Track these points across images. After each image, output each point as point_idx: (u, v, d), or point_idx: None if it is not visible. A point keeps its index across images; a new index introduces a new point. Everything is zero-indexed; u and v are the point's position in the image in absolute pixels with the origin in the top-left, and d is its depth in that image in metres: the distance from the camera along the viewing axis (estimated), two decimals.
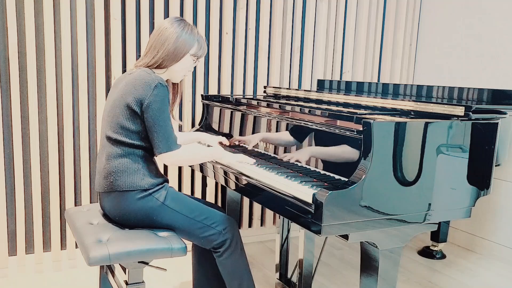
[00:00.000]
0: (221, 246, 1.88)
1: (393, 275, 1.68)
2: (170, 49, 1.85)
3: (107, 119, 1.83)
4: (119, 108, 1.78)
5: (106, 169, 1.80)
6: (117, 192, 1.78)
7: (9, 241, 2.62)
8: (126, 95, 1.77)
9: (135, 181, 1.77)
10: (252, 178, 1.85)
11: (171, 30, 1.85)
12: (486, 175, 1.78)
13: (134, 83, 1.76)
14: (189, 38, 1.88)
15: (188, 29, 1.89)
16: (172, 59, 1.86)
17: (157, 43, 1.86)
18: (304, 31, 3.29)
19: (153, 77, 1.76)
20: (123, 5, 2.73)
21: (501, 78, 3.12)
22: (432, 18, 3.61)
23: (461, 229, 3.36)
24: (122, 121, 1.77)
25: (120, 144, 1.79)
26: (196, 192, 3.06)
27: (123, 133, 1.78)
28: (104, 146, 1.84)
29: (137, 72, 1.81)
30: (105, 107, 1.89)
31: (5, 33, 2.47)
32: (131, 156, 1.79)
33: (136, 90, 1.75)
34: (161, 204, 1.80)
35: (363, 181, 1.49)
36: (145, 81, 1.75)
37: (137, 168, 1.79)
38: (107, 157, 1.81)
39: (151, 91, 1.73)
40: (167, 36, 1.85)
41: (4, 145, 2.53)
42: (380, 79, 3.65)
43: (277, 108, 2.12)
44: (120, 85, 1.84)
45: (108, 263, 1.64)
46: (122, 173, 1.77)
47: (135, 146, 1.80)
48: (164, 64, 1.87)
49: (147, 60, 1.87)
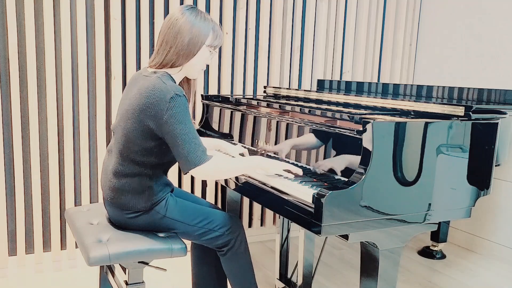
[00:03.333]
0: (225, 246, 1.87)
1: (393, 275, 1.68)
2: (184, 42, 1.67)
3: (119, 130, 1.72)
4: (131, 122, 1.66)
5: (112, 182, 1.75)
6: (119, 208, 1.76)
7: (9, 241, 2.62)
8: (140, 110, 1.63)
9: (137, 203, 1.73)
10: (252, 178, 1.85)
11: (183, 20, 1.67)
12: (486, 175, 1.78)
13: (148, 95, 1.61)
14: (203, 26, 1.69)
15: (202, 17, 1.71)
16: (187, 55, 1.70)
17: (169, 37, 1.69)
18: (304, 31, 3.29)
19: (168, 88, 1.61)
20: (123, 5, 2.73)
21: (501, 78, 3.12)
22: (432, 18, 3.61)
23: (461, 229, 3.36)
24: (134, 137, 1.67)
25: (129, 161, 1.71)
26: (196, 192, 3.06)
27: (134, 149, 1.68)
28: (114, 154, 1.76)
29: (152, 80, 1.65)
30: (120, 107, 1.78)
31: (5, 33, 2.47)
32: (139, 178, 1.72)
33: (152, 105, 1.60)
34: (162, 216, 1.78)
35: (363, 181, 1.49)
36: (160, 94, 1.60)
37: (142, 190, 1.72)
38: (114, 171, 1.74)
39: (167, 105, 1.58)
40: (179, 28, 1.67)
41: (4, 145, 2.53)
42: (380, 79, 3.65)
43: (277, 108, 2.12)
44: (135, 90, 1.70)
45: (108, 263, 1.64)
46: (127, 192, 1.73)
47: (146, 165, 1.71)
48: (178, 62, 1.71)
49: (160, 59, 1.71)
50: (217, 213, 1.89)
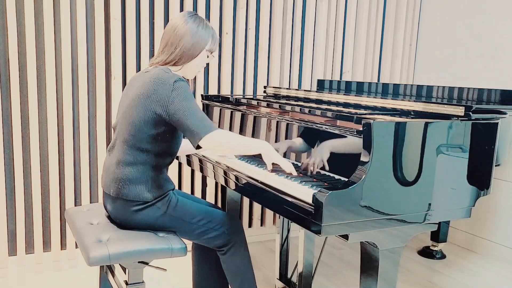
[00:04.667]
0: (225, 245, 1.89)
1: (393, 275, 1.68)
2: (188, 46, 1.82)
3: (123, 121, 1.79)
4: (136, 110, 1.73)
5: (115, 173, 1.77)
6: (122, 200, 1.77)
7: (9, 241, 2.62)
8: (145, 97, 1.72)
9: (141, 192, 1.75)
10: (252, 178, 1.85)
11: (187, 27, 1.83)
12: (486, 175, 1.78)
13: (152, 83, 1.72)
14: (204, 33, 1.86)
15: (203, 25, 1.87)
16: (190, 56, 1.84)
17: (173, 40, 1.83)
18: (304, 31, 3.29)
19: (171, 75, 1.73)
20: (123, 5, 2.73)
21: (501, 78, 3.12)
22: (432, 18, 3.61)
23: (461, 229, 3.36)
24: (139, 124, 1.73)
25: (134, 149, 1.75)
26: (196, 192, 3.06)
27: (139, 137, 1.74)
28: (117, 148, 1.81)
29: (154, 71, 1.77)
30: (121, 105, 1.86)
31: (5, 33, 2.47)
32: (142, 166, 1.76)
33: (156, 91, 1.71)
34: (163, 213, 1.80)
35: (363, 181, 1.49)
36: (164, 80, 1.71)
37: (146, 179, 1.76)
38: (118, 161, 1.78)
39: (171, 87, 1.70)
40: (184, 33, 1.82)
41: (4, 145, 2.53)
42: (380, 79, 3.65)
43: (277, 108, 2.12)
44: (137, 84, 1.80)
45: (108, 263, 1.64)
46: (130, 182, 1.75)
47: (149, 152, 1.76)
48: (181, 61, 1.84)
49: (164, 57, 1.84)
50: (217, 212, 1.91)
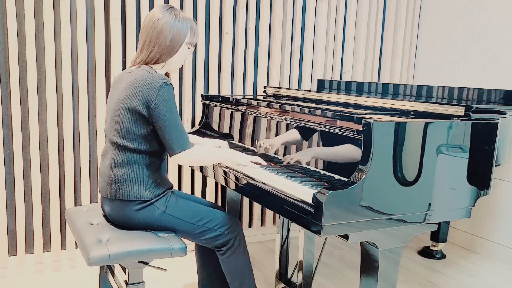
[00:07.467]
0: (224, 245, 1.89)
1: (393, 275, 1.68)
2: (166, 42, 1.80)
3: (111, 124, 1.79)
4: (123, 112, 1.74)
5: (110, 176, 1.77)
6: (119, 201, 1.77)
7: (9, 241, 2.62)
8: (130, 98, 1.72)
9: (138, 191, 1.76)
10: (252, 178, 1.85)
11: (163, 21, 1.79)
12: (486, 175, 1.78)
13: (137, 85, 1.72)
14: (182, 26, 1.82)
15: (180, 17, 1.83)
16: (169, 52, 1.83)
17: (151, 37, 1.80)
18: (304, 31, 3.29)
19: (156, 77, 1.72)
20: (123, 5, 2.73)
21: (501, 78, 3.12)
22: (432, 18, 3.61)
23: (461, 229, 3.36)
24: (128, 125, 1.74)
25: (126, 150, 1.76)
26: (196, 192, 3.06)
27: (129, 138, 1.75)
28: (108, 150, 1.81)
29: (138, 72, 1.77)
30: (108, 108, 1.85)
31: (5, 33, 2.47)
32: (136, 165, 1.76)
33: (141, 93, 1.71)
34: (162, 212, 1.80)
35: (363, 181, 1.49)
36: (149, 82, 1.71)
37: (142, 178, 1.77)
38: (111, 163, 1.78)
39: (156, 92, 1.70)
40: (161, 29, 1.79)
41: (4, 145, 2.53)
42: (380, 79, 3.65)
43: (277, 108, 2.12)
44: (121, 86, 1.79)
45: (108, 263, 1.64)
46: (126, 182, 1.75)
47: (141, 152, 1.77)
48: (162, 59, 1.83)
49: (144, 57, 1.83)
50: (217, 212, 1.91)
